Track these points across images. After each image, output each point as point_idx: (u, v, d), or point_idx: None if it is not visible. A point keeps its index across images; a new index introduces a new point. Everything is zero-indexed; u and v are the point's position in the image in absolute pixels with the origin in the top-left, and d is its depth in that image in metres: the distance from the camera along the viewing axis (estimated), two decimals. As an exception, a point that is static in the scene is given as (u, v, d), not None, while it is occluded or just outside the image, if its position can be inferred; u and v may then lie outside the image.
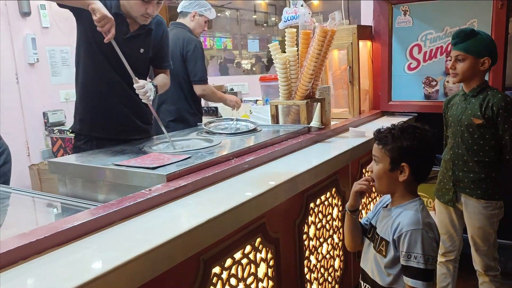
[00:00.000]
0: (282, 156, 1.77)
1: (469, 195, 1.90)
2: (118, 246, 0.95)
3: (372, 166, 1.31)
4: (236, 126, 2.11)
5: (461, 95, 1.95)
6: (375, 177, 1.29)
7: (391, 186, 1.28)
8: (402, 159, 1.22)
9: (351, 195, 1.38)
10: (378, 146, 1.27)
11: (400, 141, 1.22)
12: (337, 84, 2.90)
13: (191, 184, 1.29)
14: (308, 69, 2.02)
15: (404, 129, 1.24)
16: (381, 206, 1.39)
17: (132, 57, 1.81)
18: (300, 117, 2.13)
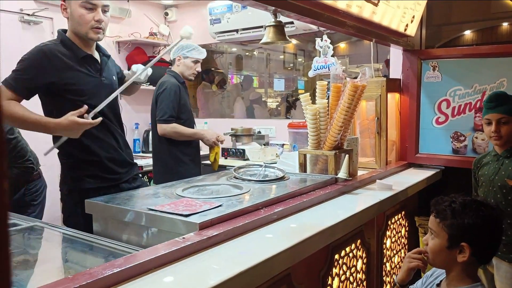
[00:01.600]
0: (310, 206, 1.79)
1: (501, 259, 1.87)
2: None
3: (428, 238, 1.23)
4: (265, 173, 2.16)
5: (493, 155, 1.96)
6: (429, 251, 1.21)
7: (447, 264, 1.18)
8: (462, 238, 1.12)
9: (404, 270, 1.29)
10: (436, 219, 1.19)
11: (461, 217, 1.12)
12: (364, 133, 2.93)
13: (222, 234, 1.32)
14: (338, 121, 2.07)
15: (467, 204, 1.14)
16: (433, 279, 1.30)
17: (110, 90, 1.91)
18: (327, 167, 2.16)
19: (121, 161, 2.03)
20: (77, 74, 1.84)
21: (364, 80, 2.06)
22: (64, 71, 1.81)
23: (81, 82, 1.84)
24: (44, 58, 1.78)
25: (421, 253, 1.25)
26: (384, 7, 2.13)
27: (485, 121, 1.92)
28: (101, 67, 1.96)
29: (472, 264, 1.15)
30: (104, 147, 1.95)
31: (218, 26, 3.85)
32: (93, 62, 1.92)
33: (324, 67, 3.46)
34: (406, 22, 2.44)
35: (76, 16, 1.81)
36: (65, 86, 1.81)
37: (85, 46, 1.89)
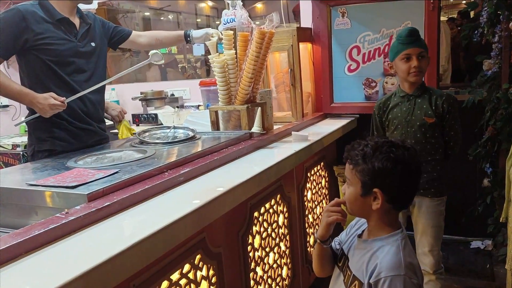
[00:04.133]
0: (223, 165, 1.66)
1: (423, 195, 1.90)
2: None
3: (345, 187, 1.14)
4: (174, 134, 1.98)
5: (401, 97, 1.95)
6: (347, 201, 1.13)
7: (365, 213, 1.11)
8: (374, 184, 1.04)
9: (323, 226, 1.19)
10: (350, 166, 1.10)
11: (372, 162, 1.04)
12: (280, 87, 2.84)
13: (116, 204, 1.15)
14: (247, 73, 1.94)
15: (378, 147, 1.05)
16: (356, 229, 1.22)
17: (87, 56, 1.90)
18: (241, 122, 2.04)
19: (89, 129, 1.98)
20: (51, 34, 1.81)
21: (271, 26, 1.93)
22: (39, 29, 1.78)
23: (54, 42, 1.81)
24: (19, 16, 1.76)
25: (340, 204, 1.16)
26: None
27: (403, 57, 1.84)
28: (78, 32, 1.91)
29: (390, 211, 1.09)
30: (72, 112, 1.89)
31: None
32: (69, 26, 1.89)
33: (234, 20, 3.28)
34: (312, -35, 2.33)
35: None
36: (39, 44, 1.78)
37: (66, 10, 1.87)
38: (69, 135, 1.89)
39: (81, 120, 1.93)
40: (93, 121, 1.99)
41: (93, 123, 1.99)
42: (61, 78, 1.83)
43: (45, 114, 1.76)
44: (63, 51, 1.84)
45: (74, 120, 1.91)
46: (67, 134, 1.89)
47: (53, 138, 1.87)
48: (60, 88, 1.83)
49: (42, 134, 1.87)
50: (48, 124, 1.85)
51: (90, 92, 1.92)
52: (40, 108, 1.74)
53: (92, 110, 1.97)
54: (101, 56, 2.03)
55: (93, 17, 2.06)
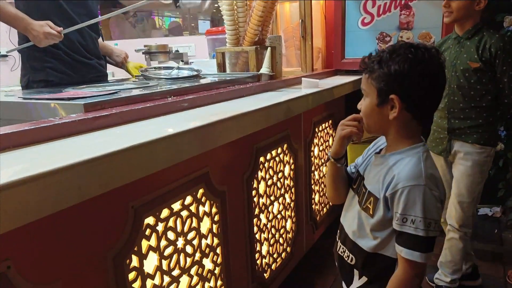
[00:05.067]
0: (228, 99, 1.57)
1: (464, 141, 1.80)
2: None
3: (361, 102, 1.03)
4: (178, 73, 1.89)
5: (454, 38, 1.83)
6: (363, 115, 1.02)
7: (382, 125, 1.00)
8: (390, 90, 0.93)
9: (336, 140, 1.08)
10: (365, 75, 1.00)
11: (388, 65, 0.93)
12: (289, 42, 2.73)
13: (116, 116, 1.06)
14: (258, 10, 1.83)
15: (395, 50, 0.94)
16: (373, 150, 1.12)
17: None
18: (249, 66, 1.94)
19: (88, 63, 1.89)
20: None
21: (284, -39, 1.81)
22: None
23: None
24: None
25: (356, 119, 1.05)
26: None
27: None
28: None
29: (410, 121, 0.98)
30: (69, 43, 1.80)
31: None
32: None
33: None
34: None
35: None
36: None
37: None
38: (66, 67, 1.81)
39: (78, 53, 1.84)
40: (91, 55, 1.90)
41: (91, 57, 1.90)
42: (61, 6, 1.73)
43: (39, 43, 1.67)
44: None
45: (71, 51, 1.82)
46: (63, 65, 1.80)
47: (49, 69, 1.78)
48: (57, 17, 1.73)
49: (37, 64, 1.79)
50: (43, 53, 1.76)
51: (90, 28, 1.83)
52: (34, 36, 1.64)
53: (92, 45, 1.88)
54: None
55: None
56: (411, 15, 2.41)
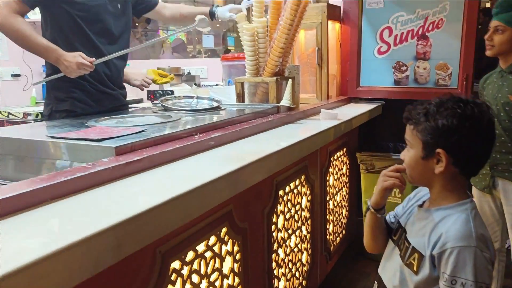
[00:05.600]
0: (252, 135, 1.55)
1: (508, 179, 1.77)
2: (46, 232, 0.70)
3: (404, 153, 1.02)
4: (197, 104, 1.88)
5: (498, 72, 1.82)
6: (407, 166, 1.00)
7: (427, 179, 0.98)
8: (437, 144, 0.92)
9: (378, 191, 1.06)
10: (410, 126, 0.98)
11: (435, 119, 0.92)
12: (303, 68, 2.73)
13: (146, 160, 1.04)
14: (279, 42, 1.83)
15: (443, 103, 0.93)
16: (415, 202, 1.10)
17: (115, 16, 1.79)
18: (268, 96, 1.93)
19: (111, 94, 1.88)
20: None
21: (307, -6, 1.82)
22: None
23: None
24: None
25: (399, 171, 1.03)
26: None
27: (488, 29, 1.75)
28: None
29: (456, 176, 0.96)
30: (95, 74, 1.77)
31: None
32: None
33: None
34: None
35: None
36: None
37: None
38: (89, 97, 1.80)
39: (103, 84, 1.83)
40: (115, 86, 1.89)
41: (115, 87, 1.89)
42: (88, 37, 1.72)
43: (70, 74, 1.66)
44: (93, 7, 1.73)
45: (96, 82, 1.81)
46: (87, 96, 1.79)
47: (73, 99, 1.77)
48: (85, 47, 1.72)
49: (61, 94, 1.77)
50: (68, 84, 1.76)
51: (118, 58, 1.83)
52: (66, 66, 1.63)
53: (116, 74, 1.88)
54: (128, 21, 1.92)
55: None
56: (428, 45, 2.41)
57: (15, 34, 1.64)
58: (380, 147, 2.75)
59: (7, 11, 1.61)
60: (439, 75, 2.41)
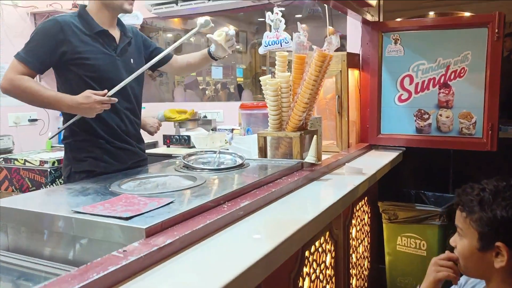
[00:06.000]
0: (279, 198, 1.50)
1: None
2: None
3: (456, 239, 0.96)
4: (220, 160, 1.83)
5: None
6: (460, 256, 0.95)
7: (484, 271, 0.92)
8: (496, 237, 0.87)
9: (429, 281, 0.99)
10: (462, 214, 0.93)
11: (492, 209, 0.87)
12: (323, 114, 2.69)
13: (178, 242, 0.98)
14: (303, 97, 1.80)
15: (500, 191, 0.88)
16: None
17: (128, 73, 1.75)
18: (291, 150, 1.88)
19: (129, 149, 1.85)
20: (89, 48, 1.71)
21: (331, 49, 1.80)
22: (76, 42, 1.68)
23: (92, 56, 1.71)
24: (56, 27, 1.66)
25: (452, 259, 0.97)
26: (350, -33, 1.87)
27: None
28: (118, 46, 1.80)
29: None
30: (110, 130, 1.78)
31: (155, -4, 3.41)
32: (109, 39, 1.78)
33: (276, 43, 3.16)
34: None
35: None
36: (76, 58, 1.68)
37: (106, 21, 1.77)
38: (108, 155, 1.77)
39: (120, 140, 1.81)
40: (132, 140, 1.86)
41: (132, 142, 1.86)
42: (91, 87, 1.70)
43: (89, 113, 1.62)
44: (102, 66, 1.72)
45: (113, 139, 1.79)
46: (106, 154, 1.76)
47: (92, 159, 1.74)
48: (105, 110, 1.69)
49: (80, 154, 1.75)
50: (86, 143, 1.74)
51: (129, 110, 1.81)
52: (84, 108, 1.59)
53: (132, 129, 1.85)
54: (140, 75, 1.90)
55: (135, 32, 1.96)
56: (450, 94, 2.38)
57: (23, 94, 1.63)
58: (401, 195, 2.68)
59: (13, 74, 1.61)
60: (463, 124, 2.36)
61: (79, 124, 1.73)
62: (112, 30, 1.80)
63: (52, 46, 1.65)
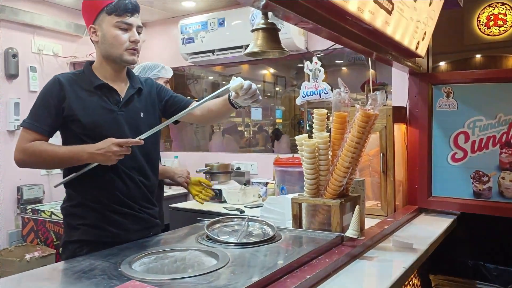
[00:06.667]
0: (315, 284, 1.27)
1: None
2: None
3: None
4: (248, 229, 1.63)
5: None
6: None
7: None
8: None
9: None
10: None
11: None
12: (364, 171, 2.45)
13: None
14: (344, 161, 1.59)
15: None
16: None
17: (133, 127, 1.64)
18: (330, 219, 1.66)
19: (133, 214, 1.65)
20: (85, 104, 1.59)
21: (376, 108, 1.60)
22: (72, 99, 1.57)
23: (88, 112, 1.58)
24: (57, 86, 1.58)
25: None
26: (397, 17, 1.69)
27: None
28: (122, 99, 1.66)
29: None
30: (110, 192, 1.60)
31: (191, 46, 3.38)
32: (110, 92, 1.65)
33: (314, 93, 3.01)
34: (418, 39, 2.02)
35: (109, 37, 1.61)
36: (71, 115, 1.57)
37: (108, 75, 1.66)
38: (105, 222, 1.59)
39: (119, 203, 1.62)
40: (135, 204, 1.66)
41: (135, 206, 1.66)
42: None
43: (107, 158, 1.48)
44: (98, 122, 1.58)
45: (111, 202, 1.61)
46: (101, 221, 1.59)
47: (86, 226, 1.58)
48: (101, 168, 1.54)
49: (73, 221, 1.60)
50: (80, 208, 1.59)
51: (134, 169, 1.64)
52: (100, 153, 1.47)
53: (135, 190, 1.65)
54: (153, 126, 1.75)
55: (150, 83, 1.81)
56: (514, 154, 2.08)
57: (39, 160, 1.53)
58: (457, 266, 2.34)
59: (24, 143, 1.52)
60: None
61: (74, 186, 1.60)
62: (116, 83, 1.67)
63: (55, 106, 1.56)
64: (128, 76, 1.73)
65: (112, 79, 1.67)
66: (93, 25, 1.64)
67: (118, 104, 1.65)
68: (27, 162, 1.54)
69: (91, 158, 1.50)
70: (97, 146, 1.48)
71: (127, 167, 1.61)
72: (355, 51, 2.15)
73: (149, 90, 1.78)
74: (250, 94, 1.62)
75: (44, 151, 1.51)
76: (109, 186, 1.59)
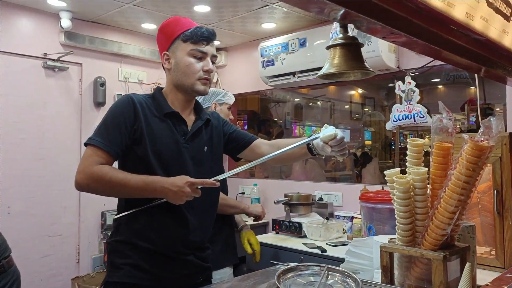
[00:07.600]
0: None
1: None
2: None
3: None
4: (327, 281, 1.38)
5: None
6: None
7: None
8: None
9: None
10: None
11: None
12: (472, 210, 2.05)
13: None
14: (449, 204, 1.27)
15: None
16: None
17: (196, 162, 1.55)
18: (429, 275, 1.33)
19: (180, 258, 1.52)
20: (155, 130, 1.50)
21: (492, 139, 1.26)
22: (143, 122, 1.49)
23: (156, 138, 1.50)
24: (130, 105, 1.50)
25: None
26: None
27: None
28: (188, 131, 1.58)
29: None
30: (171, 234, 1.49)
31: (271, 69, 3.24)
32: (179, 122, 1.57)
33: (408, 117, 2.66)
34: (542, 50, 1.63)
35: (182, 65, 1.54)
36: (139, 139, 1.48)
37: (178, 104, 1.58)
38: (150, 265, 1.46)
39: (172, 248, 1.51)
40: (189, 249, 1.53)
41: (190, 251, 1.53)
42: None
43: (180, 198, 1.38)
44: (164, 150, 1.50)
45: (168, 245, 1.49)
46: (146, 262, 1.46)
47: (128, 266, 1.45)
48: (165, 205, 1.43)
49: (117, 260, 1.48)
50: (126, 246, 1.47)
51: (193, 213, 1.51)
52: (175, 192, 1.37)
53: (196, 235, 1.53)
54: (217, 165, 1.64)
55: (216, 117, 1.73)
56: None
57: (107, 187, 1.41)
58: None
59: (92, 166, 1.40)
60: None
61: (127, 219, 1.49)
62: (184, 113, 1.59)
63: (126, 127, 1.47)
64: (195, 107, 1.66)
65: (181, 109, 1.60)
66: (167, 52, 1.58)
67: (185, 135, 1.57)
68: (91, 188, 1.43)
69: (162, 193, 1.40)
70: (171, 181, 1.38)
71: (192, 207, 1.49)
72: (458, 67, 1.82)
73: (216, 123, 1.69)
74: (341, 146, 1.42)
75: (114, 178, 1.40)
76: (169, 227, 1.48)
